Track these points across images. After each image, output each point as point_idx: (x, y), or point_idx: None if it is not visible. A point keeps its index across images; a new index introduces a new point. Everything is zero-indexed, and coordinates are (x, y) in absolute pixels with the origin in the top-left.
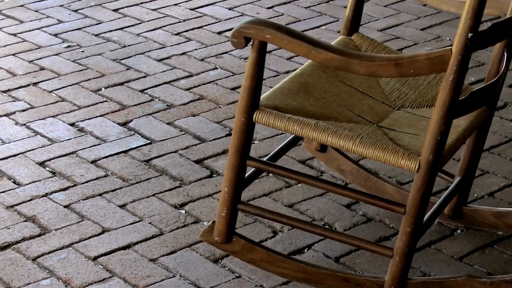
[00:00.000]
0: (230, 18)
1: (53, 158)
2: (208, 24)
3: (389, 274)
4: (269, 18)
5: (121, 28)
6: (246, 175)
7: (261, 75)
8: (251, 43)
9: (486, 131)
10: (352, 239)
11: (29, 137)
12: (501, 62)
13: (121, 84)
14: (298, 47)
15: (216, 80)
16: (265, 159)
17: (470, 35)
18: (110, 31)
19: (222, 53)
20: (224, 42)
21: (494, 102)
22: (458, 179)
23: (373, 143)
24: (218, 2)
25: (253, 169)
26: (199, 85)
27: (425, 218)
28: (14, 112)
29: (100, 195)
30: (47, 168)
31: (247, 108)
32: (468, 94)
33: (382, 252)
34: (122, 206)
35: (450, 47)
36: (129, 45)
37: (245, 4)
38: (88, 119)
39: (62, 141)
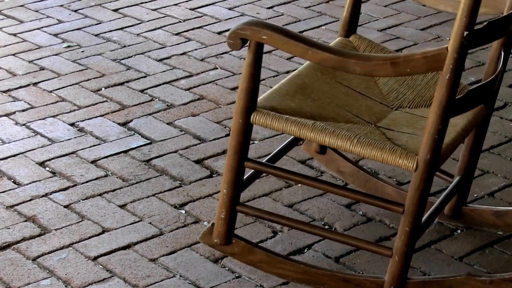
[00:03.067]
0: (230, 18)
1: (53, 158)
2: (208, 24)
3: (388, 274)
4: (269, 18)
5: (121, 28)
6: (245, 177)
7: (258, 77)
8: (247, 44)
9: (484, 130)
10: (351, 239)
11: (29, 137)
12: (498, 60)
13: (121, 84)
14: (295, 48)
15: (216, 80)
16: (264, 160)
17: (465, 33)
18: (110, 31)
19: (222, 53)
20: (224, 42)
21: (492, 101)
22: (457, 179)
23: (371, 143)
24: (218, 2)
25: (252, 170)
26: (199, 85)
27: (424, 217)
28: (14, 112)
29: (100, 195)
30: (47, 168)
31: (245, 110)
32: (465, 93)
33: (381, 252)
34: (122, 206)
35: (446, 45)
36: (129, 45)
37: (245, 4)
38: (88, 119)
39: (62, 141)
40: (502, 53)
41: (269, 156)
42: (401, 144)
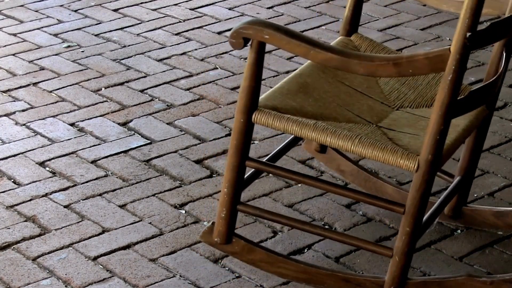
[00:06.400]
0: (230, 18)
1: (53, 158)
2: (208, 24)
3: (389, 274)
4: (269, 18)
5: (121, 28)
6: (245, 176)
7: (260, 76)
8: (250, 43)
9: (485, 131)
10: (351, 239)
11: (29, 137)
12: (500, 61)
13: (121, 84)
14: (297, 47)
15: (216, 80)
16: (265, 159)
17: (468, 34)
18: (110, 31)
19: (222, 53)
20: (224, 42)
21: (493, 102)
22: (457, 179)
23: (372, 143)
24: (218, 2)
25: (253, 169)
26: (199, 85)
27: (425, 218)
28: (14, 112)
29: (100, 195)
30: (47, 168)
31: (246, 109)
32: (467, 94)
33: (381, 252)
34: (122, 206)
35: (449, 46)
36: (129, 45)
37: (245, 4)
38: (88, 119)
39: (62, 141)
40: (504, 54)
41: (269, 156)
42: (403, 144)
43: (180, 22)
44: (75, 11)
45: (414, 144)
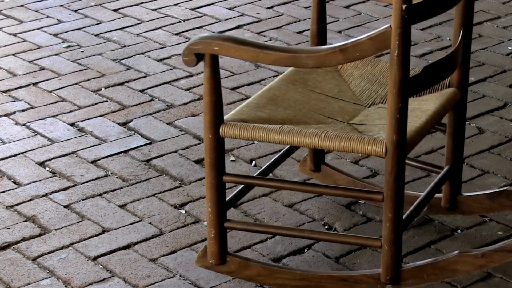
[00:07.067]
0: (230, 18)
1: (53, 158)
2: (208, 24)
3: (382, 265)
4: (269, 18)
5: (121, 28)
6: (237, 190)
7: (219, 89)
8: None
9: (463, 115)
10: (340, 237)
11: (29, 137)
12: (459, 38)
13: (121, 84)
14: (246, 53)
15: None
16: (256, 173)
17: (404, 6)
18: (110, 31)
19: None
20: None
21: (464, 83)
22: (446, 168)
23: (338, 135)
24: (218, 2)
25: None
26: (199, 85)
27: (413, 206)
28: (14, 112)
29: (100, 195)
30: (47, 168)
31: (213, 124)
32: (421, 70)
33: (370, 244)
34: (122, 206)
35: (390, 24)
36: (129, 45)
37: (245, 4)
38: (88, 119)
39: (62, 141)
40: (461, 31)
41: (261, 170)
42: (372, 135)
43: (180, 22)
44: (75, 11)
45: (384, 133)
